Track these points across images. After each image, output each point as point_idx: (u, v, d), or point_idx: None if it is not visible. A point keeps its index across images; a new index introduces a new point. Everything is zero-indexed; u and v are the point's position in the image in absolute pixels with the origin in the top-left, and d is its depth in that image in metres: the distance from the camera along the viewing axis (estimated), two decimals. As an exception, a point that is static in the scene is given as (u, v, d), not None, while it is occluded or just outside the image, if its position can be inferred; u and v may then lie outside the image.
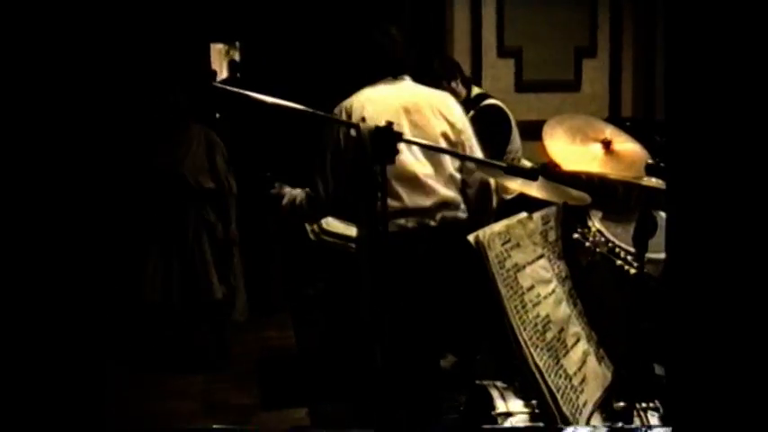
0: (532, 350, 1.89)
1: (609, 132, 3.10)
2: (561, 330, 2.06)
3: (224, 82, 7.41)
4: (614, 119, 5.09)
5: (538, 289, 2.05)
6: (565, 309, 2.15)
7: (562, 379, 1.95)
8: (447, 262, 2.97)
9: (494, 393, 2.35)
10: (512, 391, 2.33)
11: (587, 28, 5.40)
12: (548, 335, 1.98)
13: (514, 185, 2.96)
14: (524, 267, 2.04)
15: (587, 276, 2.73)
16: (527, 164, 4.21)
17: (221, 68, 7.98)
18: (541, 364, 1.89)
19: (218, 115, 6.92)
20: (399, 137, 2.13)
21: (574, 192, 2.76)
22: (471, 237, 1.93)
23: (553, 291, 2.13)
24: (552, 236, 2.31)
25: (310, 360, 4.52)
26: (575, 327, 2.16)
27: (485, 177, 3.13)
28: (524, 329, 1.89)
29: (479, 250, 1.89)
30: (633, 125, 4.82)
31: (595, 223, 3.16)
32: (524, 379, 1.98)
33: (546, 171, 2.92)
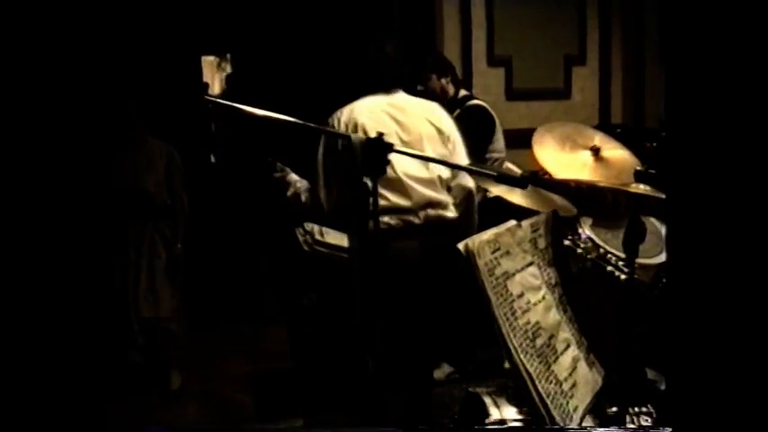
0: (522, 356, 1.90)
1: (598, 139, 3.13)
2: (551, 336, 2.08)
3: (223, 96, 7.40)
4: (604, 126, 5.12)
5: (528, 296, 2.07)
6: (555, 315, 2.17)
7: (552, 384, 1.96)
8: (437, 265, 3.00)
9: (487, 401, 2.36)
10: (505, 399, 2.35)
11: (576, 36, 5.43)
12: (538, 341, 1.99)
13: (499, 192, 2.98)
14: (514, 275, 2.06)
15: (578, 283, 2.75)
16: (514, 168, 4.24)
17: (213, 81, 7.99)
18: (532, 370, 1.91)
19: (213, 127, 6.92)
20: (390, 148, 2.16)
21: (559, 201, 2.79)
22: (461, 245, 1.95)
23: (543, 297, 2.15)
24: (542, 243, 2.32)
25: (305, 371, 4.52)
26: (565, 333, 2.17)
27: (467, 184, 3.19)
28: (514, 336, 1.90)
29: (469, 258, 1.91)
30: (623, 132, 4.85)
31: (586, 230, 3.18)
32: (515, 385, 1.99)
33: (535, 179, 2.94)
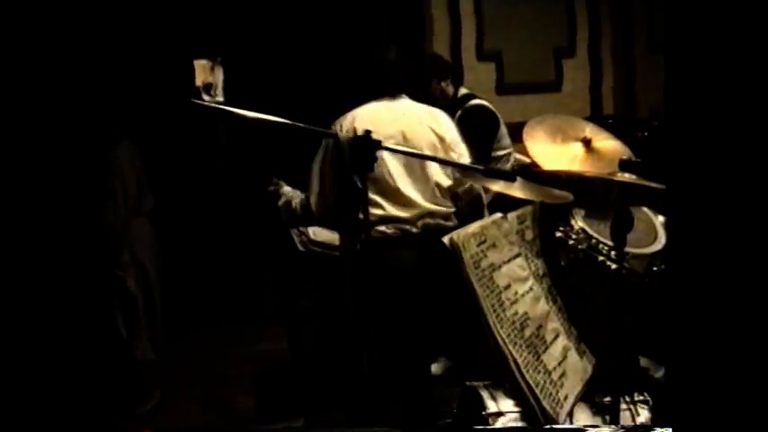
0: (510, 347, 1.92)
1: (589, 131, 3.14)
2: (540, 327, 2.09)
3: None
4: (595, 117, 5.12)
5: (515, 287, 2.08)
6: (543, 305, 2.19)
7: (541, 374, 1.98)
8: (434, 266, 3.01)
9: (484, 394, 2.38)
10: (502, 392, 2.36)
11: (565, 28, 5.43)
12: (526, 332, 2.01)
13: (496, 187, 3.00)
14: (500, 267, 2.08)
15: (570, 273, 2.76)
16: (523, 158, 4.22)
17: (216, 82, 7.99)
18: (520, 361, 1.92)
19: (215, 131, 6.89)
20: (377, 145, 2.18)
21: (556, 191, 2.80)
22: (446, 238, 1.96)
23: (531, 288, 2.17)
24: (529, 235, 2.34)
25: (305, 371, 4.53)
26: (554, 323, 2.19)
27: (476, 189, 3.19)
28: (501, 327, 1.92)
29: (454, 252, 1.93)
30: (614, 122, 4.86)
31: (578, 221, 3.19)
32: (503, 376, 2.01)
33: (525, 172, 2.95)
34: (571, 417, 2.14)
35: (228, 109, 2.13)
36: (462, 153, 3.22)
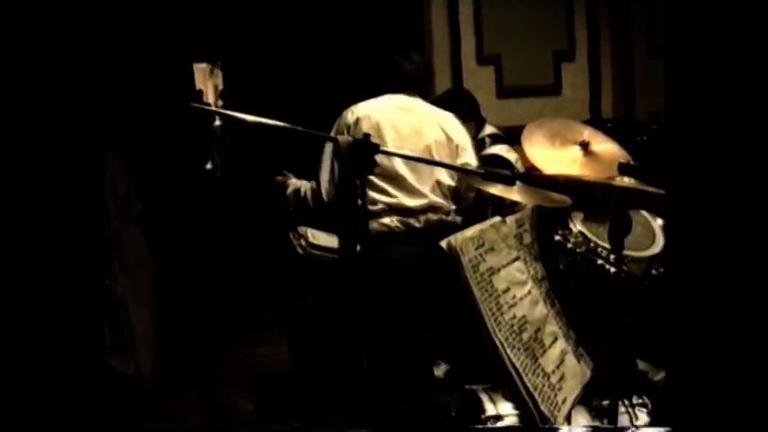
0: (509, 351, 1.92)
1: (587, 134, 3.14)
2: (538, 330, 2.10)
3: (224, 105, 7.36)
4: (595, 121, 5.13)
5: (513, 291, 2.09)
6: (541, 309, 2.19)
7: (540, 378, 1.98)
8: (437, 269, 3.02)
9: (483, 397, 2.38)
10: (501, 395, 2.37)
11: (564, 32, 5.43)
12: (524, 335, 2.01)
13: (495, 191, 3.01)
14: (499, 270, 2.08)
15: (568, 277, 2.77)
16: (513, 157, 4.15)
17: (206, 88, 8.02)
18: (518, 364, 1.93)
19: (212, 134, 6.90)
20: (377, 149, 2.18)
21: (554, 194, 2.81)
22: (444, 242, 1.97)
23: (529, 292, 2.17)
24: (527, 238, 2.35)
25: (305, 374, 4.53)
26: (552, 326, 2.19)
27: (480, 188, 3.21)
28: (500, 331, 1.92)
29: (452, 255, 1.93)
30: (614, 126, 4.86)
31: (577, 225, 3.19)
32: (501, 380, 2.01)
33: (524, 175, 2.96)
34: (569, 420, 2.14)
35: (228, 113, 2.14)
36: (470, 158, 3.26)
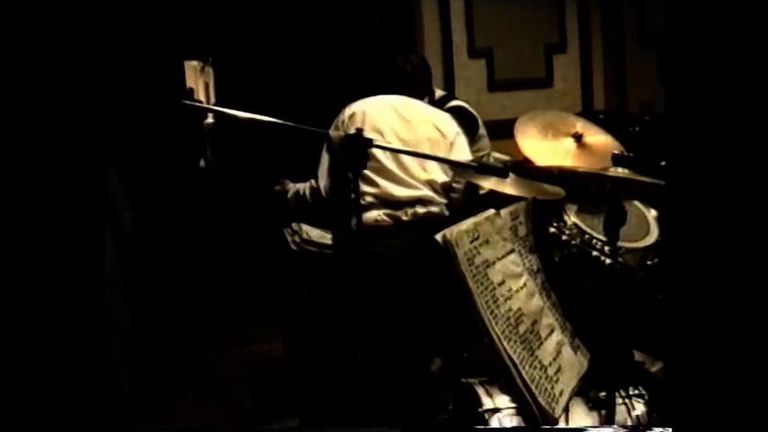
0: (505, 343, 1.92)
1: (580, 126, 3.14)
2: (534, 322, 2.09)
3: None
4: (587, 112, 5.13)
5: (509, 283, 2.08)
6: (537, 301, 2.19)
7: (537, 370, 1.98)
8: (427, 262, 3.02)
9: (480, 391, 2.38)
10: (497, 388, 2.36)
11: (556, 24, 5.43)
12: (520, 327, 2.01)
13: (488, 184, 3.00)
14: (494, 263, 2.08)
15: (563, 269, 2.77)
16: (501, 157, 4.22)
17: (197, 86, 7.97)
18: (515, 357, 1.92)
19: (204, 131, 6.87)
20: (369, 143, 2.18)
21: (548, 187, 2.81)
22: (438, 236, 1.96)
23: (525, 284, 2.17)
24: (522, 231, 2.34)
25: (300, 370, 4.52)
26: (548, 318, 2.19)
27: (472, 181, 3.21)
28: (496, 323, 1.92)
29: (447, 249, 1.92)
30: (606, 118, 4.86)
31: (571, 217, 3.19)
32: (499, 372, 2.01)
33: (517, 168, 2.96)
34: (567, 412, 2.14)
35: (220, 110, 2.13)
36: (463, 149, 3.27)
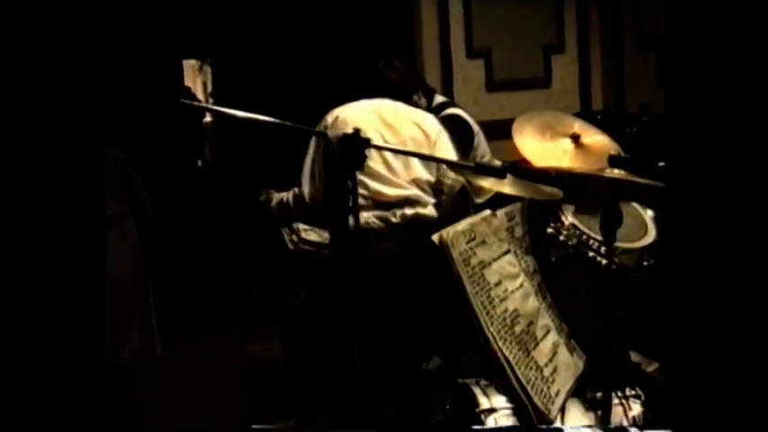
0: (501, 344, 1.91)
1: (577, 126, 3.13)
2: (530, 323, 2.09)
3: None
4: (585, 113, 5.13)
5: (505, 284, 2.08)
6: (533, 302, 2.18)
7: (533, 371, 1.98)
8: (420, 261, 3.02)
9: (476, 391, 2.37)
10: (494, 388, 2.36)
11: (554, 25, 5.43)
12: (516, 328, 2.01)
13: (487, 184, 3.00)
14: (490, 264, 2.07)
15: (560, 269, 2.77)
16: (498, 164, 4.22)
17: (195, 85, 7.97)
18: (511, 357, 1.92)
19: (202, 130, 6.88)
20: (367, 143, 2.18)
21: (545, 187, 2.81)
22: (435, 236, 1.96)
23: (521, 285, 2.16)
24: (519, 231, 2.34)
25: (297, 370, 4.52)
26: (544, 319, 2.19)
27: (459, 178, 3.21)
28: (492, 324, 1.92)
29: (443, 249, 1.92)
30: (604, 118, 4.86)
31: (568, 217, 3.19)
32: (494, 373, 2.00)
33: (515, 169, 2.96)
34: (563, 412, 2.14)
35: (218, 108, 2.13)
36: (448, 147, 3.25)
